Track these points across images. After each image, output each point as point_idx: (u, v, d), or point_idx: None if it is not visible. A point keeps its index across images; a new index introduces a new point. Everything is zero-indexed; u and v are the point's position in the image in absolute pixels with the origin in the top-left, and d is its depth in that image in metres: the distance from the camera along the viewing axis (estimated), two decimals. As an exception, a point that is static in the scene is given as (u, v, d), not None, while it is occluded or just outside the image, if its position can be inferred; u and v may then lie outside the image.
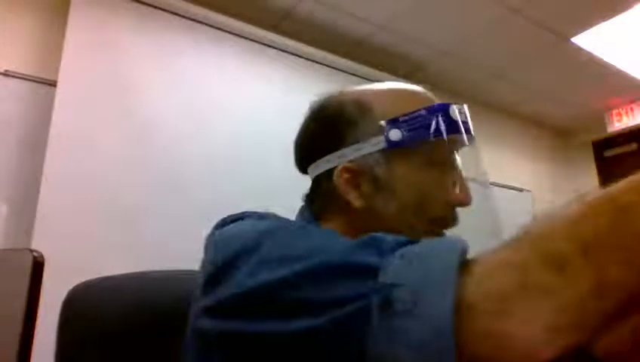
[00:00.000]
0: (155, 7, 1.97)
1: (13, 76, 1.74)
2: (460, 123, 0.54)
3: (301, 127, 0.64)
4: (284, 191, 2.25)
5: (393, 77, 2.68)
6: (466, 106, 0.57)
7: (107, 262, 1.56)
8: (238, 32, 2.18)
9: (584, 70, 2.87)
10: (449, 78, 2.97)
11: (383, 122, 0.53)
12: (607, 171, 3.63)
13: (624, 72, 2.90)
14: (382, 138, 0.53)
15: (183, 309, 0.62)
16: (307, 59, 2.39)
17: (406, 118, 0.53)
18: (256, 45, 2.23)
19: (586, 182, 3.71)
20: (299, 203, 0.67)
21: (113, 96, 1.80)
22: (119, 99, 1.81)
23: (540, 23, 2.42)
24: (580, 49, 2.63)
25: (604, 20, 2.40)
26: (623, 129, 3.37)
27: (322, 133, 0.59)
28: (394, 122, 0.53)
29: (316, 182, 0.59)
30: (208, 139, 1.98)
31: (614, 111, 3.39)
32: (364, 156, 0.54)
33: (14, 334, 0.79)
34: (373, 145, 0.54)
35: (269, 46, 2.27)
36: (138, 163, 1.79)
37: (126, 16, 1.90)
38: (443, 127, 0.52)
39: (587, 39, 2.55)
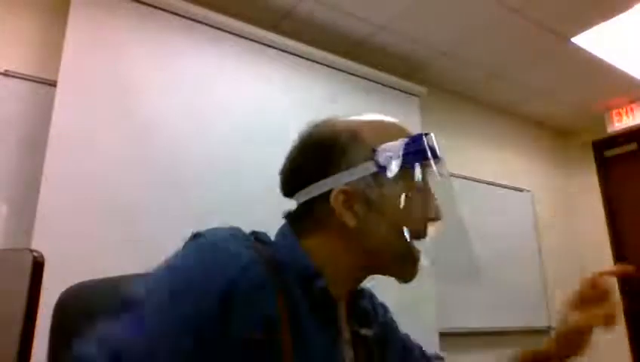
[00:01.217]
0: (155, 7, 1.97)
1: (13, 76, 1.74)
2: (436, 149, 0.62)
3: (290, 154, 0.68)
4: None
5: (393, 77, 2.68)
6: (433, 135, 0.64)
7: (107, 262, 1.56)
8: (238, 32, 2.18)
9: (584, 70, 2.87)
10: (449, 78, 2.97)
11: (374, 148, 0.61)
12: (607, 171, 3.63)
13: (624, 72, 2.90)
14: (372, 163, 0.60)
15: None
16: (307, 59, 2.39)
17: (391, 146, 0.61)
18: (256, 45, 2.23)
19: (586, 182, 3.71)
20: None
21: (113, 96, 1.80)
22: (119, 99, 1.81)
23: (539, 23, 2.42)
24: (579, 49, 2.64)
25: (604, 20, 2.41)
26: (623, 129, 3.37)
27: (316, 160, 0.63)
28: (382, 149, 0.61)
29: (306, 204, 0.64)
30: (208, 139, 1.98)
31: (614, 111, 3.39)
32: (356, 180, 0.60)
33: (14, 334, 0.79)
34: (365, 169, 0.60)
35: (269, 46, 2.27)
36: (138, 163, 1.79)
37: (126, 16, 1.90)
38: (425, 154, 0.60)
39: (587, 39, 2.55)
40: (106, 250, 1.62)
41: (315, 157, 0.64)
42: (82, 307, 0.61)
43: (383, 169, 0.60)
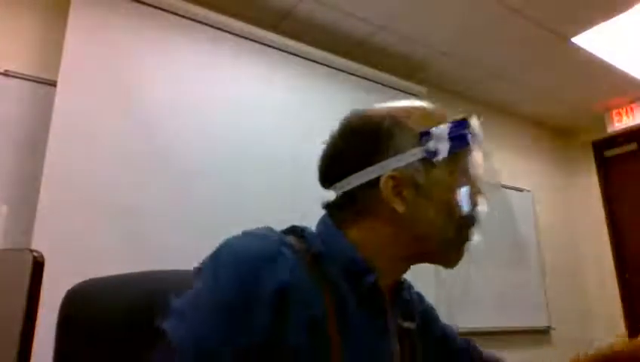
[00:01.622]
0: (155, 7, 1.97)
1: (13, 76, 1.74)
2: (479, 133, 0.62)
3: (331, 144, 0.67)
4: (285, 190, 2.28)
5: (393, 77, 2.68)
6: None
7: (107, 261, 1.57)
8: (238, 32, 2.18)
9: (584, 70, 2.87)
10: (449, 78, 2.97)
11: (420, 133, 0.61)
12: (607, 171, 3.63)
13: (624, 72, 2.90)
14: (419, 149, 0.60)
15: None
16: (307, 59, 2.39)
17: (440, 130, 0.61)
18: (256, 45, 2.23)
19: (586, 182, 3.71)
20: (299, 202, 0.67)
21: (113, 96, 1.80)
22: (119, 99, 1.81)
23: (539, 23, 2.42)
24: (579, 49, 2.64)
25: (604, 20, 2.40)
26: (623, 129, 3.37)
27: (360, 148, 0.63)
28: (429, 134, 0.60)
29: (348, 193, 0.63)
30: (208, 140, 1.98)
31: (614, 111, 3.39)
32: (404, 166, 0.60)
33: (14, 334, 0.79)
34: (412, 155, 0.60)
35: (269, 46, 2.28)
36: (138, 162, 1.80)
37: (126, 16, 1.90)
38: (471, 138, 0.61)
39: (587, 39, 2.55)
40: (106, 249, 1.62)
41: (360, 144, 0.63)
42: (89, 304, 0.61)
43: (430, 154, 0.60)
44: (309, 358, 0.50)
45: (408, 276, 0.68)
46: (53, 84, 1.72)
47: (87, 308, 0.61)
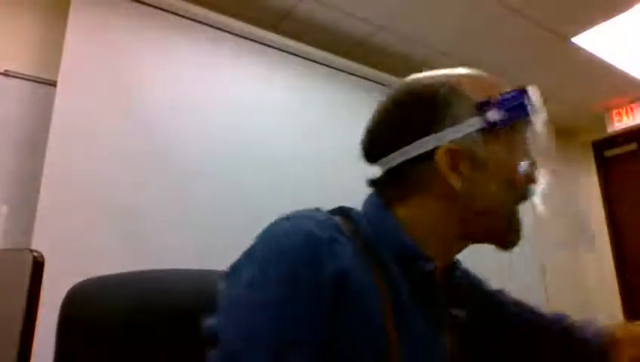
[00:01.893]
0: (155, 7, 1.97)
1: (13, 76, 1.74)
2: (539, 104, 0.57)
3: (379, 114, 0.61)
4: (285, 190, 2.27)
5: (393, 77, 2.68)
6: None
7: (107, 261, 1.56)
8: (238, 32, 2.18)
9: (584, 70, 2.87)
10: (449, 78, 2.97)
11: (478, 102, 0.56)
12: (607, 171, 3.63)
13: (624, 72, 2.90)
14: (479, 119, 0.55)
15: (182, 307, 0.62)
16: (307, 59, 2.39)
17: (500, 99, 0.56)
18: (256, 45, 2.23)
19: (586, 182, 3.71)
20: (299, 202, 0.66)
21: (113, 96, 1.80)
22: (119, 99, 1.81)
23: (540, 23, 2.42)
24: (579, 49, 2.63)
25: (604, 20, 2.40)
26: (623, 129, 3.37)
27: (414, 117, 0.57)
28: (489, 103, 0.55)
29: (399, 168, 0.57)
30: (208, 140, 1.98)
31: (614, 111, 3.39)
32: (462, 137, 0.55)
33: (14, 334, 0.79)
34: (471, 126, 0.55)
35: (269, 46, 2.27)
36: (138, 162, 1.79)
37: (126, 16, 1.90)
38: (533, 109, 0.56)
39: (587, 39, 2.55)
40: (106, 249, 1.62)
41: (413, 113, 0.57)
42: (91, 303, 0.61)
43: (490, 124, 0.55)
44: (367, 357, 0.46)
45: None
46: (53, 84, 1.72)
47: (89, 306, 0.61)
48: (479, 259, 0.85)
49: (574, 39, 2.55)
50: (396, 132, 0.58)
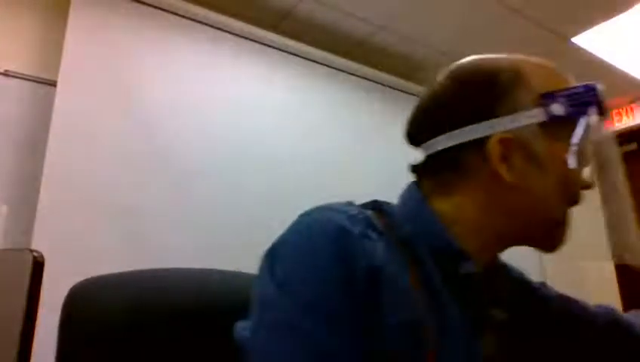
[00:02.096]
0: (155, 7, 1.97)
1: (13, 76, 1.74)
2: (607, 104, 0.53)
3: (433, 91, 0.57)
4: (286, 189, 2.27)
5: (393, 77, 2.68)
6: None
7: (107, 261, 1.56)
8: (238, 32, 2.18)
9: (584, 70, 2.87)
10: (449, 78, 2.97)
11: (543, 93, 0.52)
12: (607, 171, 3.63)
13: (624, 72, 2.90)
14: (541, 110, 0.51)
15: (183, 307, 0.62)
16: (307, 59, 2.39)
17: (566, 93, 0.52)
18: (256, 45, 2.23)
19: (586, 182, 3.71)
20: (299, 202, 0.66)
21: (113, 96, 1.80)
22: (119, 99, 1.81)
23: (540, 23, 2.42)
24: (579, 49, 2.63)
25: (604, 20, 2.40)
26: (623, 129, 3.37)
27: (469, 100, 0.53)
28: (554, 96, 0.51)
29: (443, 154, 0.53)
30: (208, 140, 1.98)
31: (614, 111, 3.39)
32: (519, 128, 0.50)
33: (14, 334, 0.79)
34: (531, 117, 0.51)
35: (269, 46, 2.28)
36: (138, 162, 1.79)
37: (126, 16, 1.90)
38: (599, 108, 0.51)
39: (587, 39, 2.55)
40: (106, 249, 1.62)
41: (469, 96, 0.53)
42: (92, 302, 0.61)
43: (552, 118, 0.50)
44: (402, 357, 0.43)
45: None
46: (53, 84, 1.72)
47: (90, 306, 0.60)
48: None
49: (574, 39, 2.55)
50: (449, 113, 0.54)
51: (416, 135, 0.58)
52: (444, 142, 0.53)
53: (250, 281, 0.50)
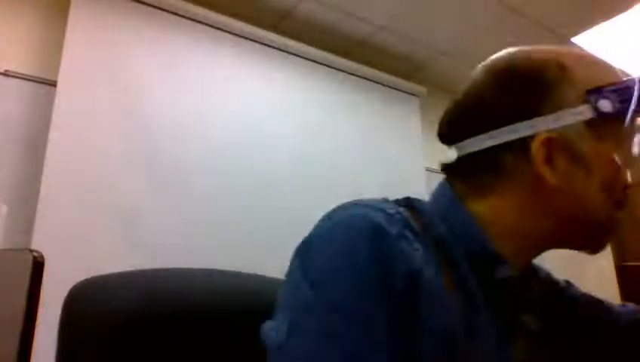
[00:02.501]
0: (155, 7, 1.97)
1: (13, 76, 1.74)
2: None
3: (472, 87, 0.55)
4: (286, 189, 2.27)
5: (393, 77, 2.68)
6: None
7: (107, 261, 1.57)
8: (238, 32, 2.18)
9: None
10: (449, 78, 2.97)
11: (591, 90, 0.48)
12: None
13: (624, 72, 2.90)
14: (587, 107, 0.47)
15: (184, 306, 0.62)
16: (307, 59, 2.39)
17: (615, 88, 0.48)
18: (256, 45, 2.24)
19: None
20: (299, 202, 0.65)
21: (113, 95, 1.80)
22: (119, 99, 1.81)
23: (540, 23, 2.42)
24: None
25: (604, 20, 2.40)
26: (623, 129, 3.37)
27: (510, 97, 0.50)
28: (601, 91, 0.48)
29: (481, 154, 0.50)
30: (208, 139, 1.98)
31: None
32: (563, 127, 0.47)
33: (14, 334, 0.79)
34: (576, 114, 0.47)
35: (269, 46, 2.28)
36: (138, 162, 1.79)
37: (126, 16, 1.90)
38: None
39: (587, 39, 2.55)
40: (106, 249, 1.62)
41: (514, 92, 0.50)
42: (93, 302, 0.61)
43: (600, 115, 0.47)
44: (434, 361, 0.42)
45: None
46: (53, 84, 1.72)
47: (90, 305, 0.60)
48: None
49: (574, 39, 2.55)
50: (489, 111, 0.51)
51: (451, 134, 0.55)
52: (483, 142, 0.50)
53: (251, 281, 0.50)
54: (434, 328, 0.41)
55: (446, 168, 0.55)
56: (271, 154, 2.13)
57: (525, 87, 0.50)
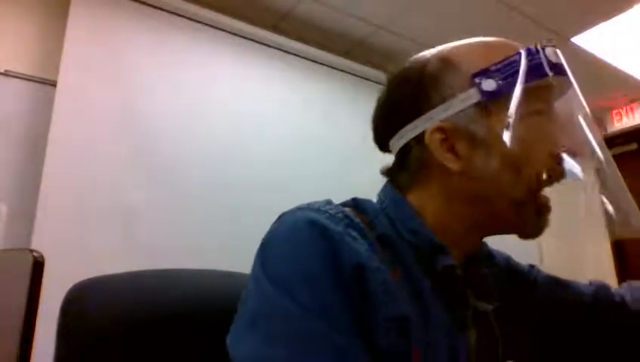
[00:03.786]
0: (155, 6, 1.97)
1: (13, 76, 1.74)
2: (559, 65, 0.50)
3: (378, 100, 0.59)
4: (286, 190, 2.27)
5: (393, 77, 2.68)
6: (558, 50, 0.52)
7: (107, 262, 1.56)
8: (237, 32, 2.18)
9: (584, 70, 2.87)
10: (449, 78, 2.97)
11: (472, 73, 0.50)
12: (607, 171, 3.63)
13: (624, 72, 2.90)
14: (473, 91, 0.49)
15: (182, 307, 0.62)
16: (307, 58, 2.39)
17: (498, 65, 0.49)
18: (256, 45, 2.24)
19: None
20: (299, 202, 0.65)
21: (113, 96, 1.80)
22: (119, 99, 1.81)
23: (539, 23, 2.42)
24: (579, 49, 2.63)
25: (604, 20, 2.40)
26: (623, 129, 3.37)
27: (404, 98, 0.54)
28: (485, 72, 0.49)
29: (401, 153, 0.55)
30: (208, 139, 1.98)
31: (614, 111, 3.39)
32: (455, 114, 0.50)
33: (14, 334, 0.79)
34: (464, 100, 0.50)
35: (269, 46, 2.28)
36: (138, 163, 1.79)
37: (126, 16, 1.90)
38: (541, 69, 0.49)
39: (587, 39, 2.55)
40: (106, 249, 1.62)
41: (403, 95, 0.54)
42: (91, 303, 0.61)
43: (488, 95, 0.48)
44: (388, 356, 0.42)
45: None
46: (53, 84, 1.72)
47: (89, 306, 0.61)
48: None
49: (574, 39, 2.55)
50: (391, 116, 0.56)
51: (377, 141, 0.61)
52: (396, 143, 0.56)
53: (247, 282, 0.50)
54: (387, 313, 0.43)
55: (386, 171, 0.59)
56: (271, 155, 2.13)
57: (412, 85, 0.54)
